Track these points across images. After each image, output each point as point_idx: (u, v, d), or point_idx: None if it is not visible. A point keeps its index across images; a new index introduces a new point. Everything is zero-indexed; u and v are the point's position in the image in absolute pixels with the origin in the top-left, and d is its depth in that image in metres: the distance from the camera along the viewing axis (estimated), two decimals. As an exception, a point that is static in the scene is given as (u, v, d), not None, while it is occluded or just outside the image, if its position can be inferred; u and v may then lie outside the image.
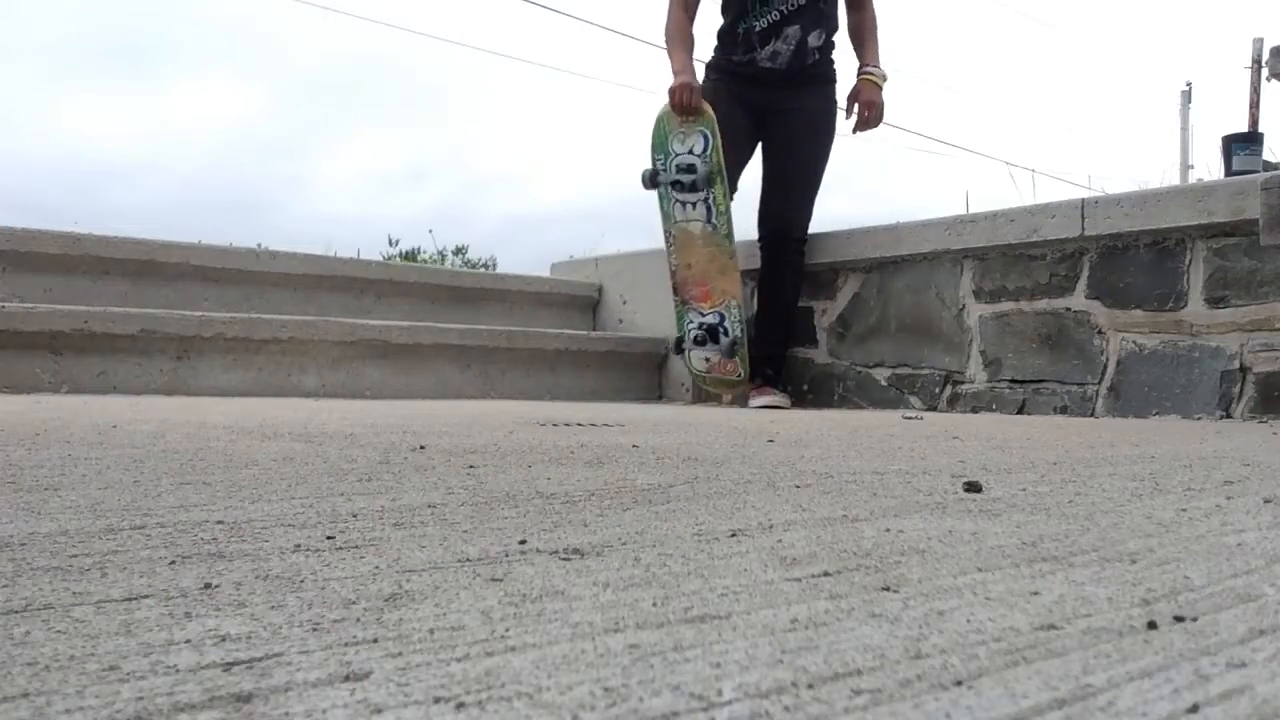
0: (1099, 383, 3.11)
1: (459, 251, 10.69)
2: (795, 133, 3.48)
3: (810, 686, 0.36)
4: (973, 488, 0.97)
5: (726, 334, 3.49)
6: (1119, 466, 1.25)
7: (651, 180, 3.47)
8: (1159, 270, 2.99)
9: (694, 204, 3.48)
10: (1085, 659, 0.40)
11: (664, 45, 3.63)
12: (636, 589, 0.52)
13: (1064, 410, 3.17)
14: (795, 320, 3.65)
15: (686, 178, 3.42)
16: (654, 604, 0.48)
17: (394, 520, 0.73)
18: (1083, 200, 3.18)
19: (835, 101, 3.53)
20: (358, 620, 0.45)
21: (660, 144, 3.48)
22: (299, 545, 0.63)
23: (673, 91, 3.43)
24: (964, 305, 3.43)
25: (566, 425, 1.91)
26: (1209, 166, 10.39)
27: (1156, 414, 2.96)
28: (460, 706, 0.33)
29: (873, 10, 3.56)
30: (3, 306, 2.94)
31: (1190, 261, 2.93)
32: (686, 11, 3.63)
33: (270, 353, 3.32)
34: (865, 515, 0.80)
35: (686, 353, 3.57)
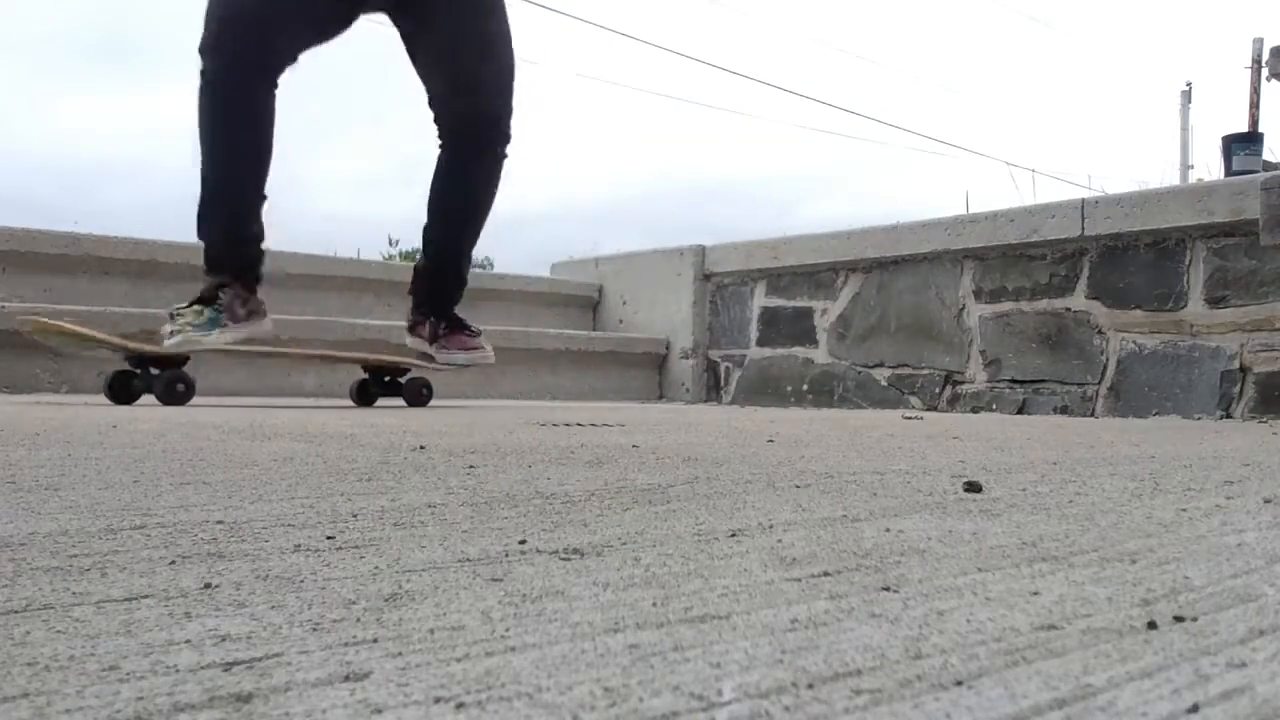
0: (1099, 383, 3.11)
1: (459, 251, 10.66)
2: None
3: (810, 686, 0.36)
4: (973, 488, 0.97)
5: None
6: (1119, 466, 1.25)
7: None
8: (1159, 270, 2.99)
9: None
10: (1085, 659, 0.40)
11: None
12: (636, 589, 0.52)
13: (1064, 410, 3.17)
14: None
15: None
16: (654, 604, 0.48)
17: (394, 520, 0.73)
18: (1083, 200, 3.19)
19: None
20: (358, 620, 0.45)
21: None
22: (299, 545, 0.63)
23: None
24: (964, 305, 3.43)
25: (566, 425, 1.91)
26: (1209, 166, 10.39)
27: (1156, 414, 2.96)
28: (460, 706, 0.33)
29: None
30: (3, 306, 2.94)
31: (1190, 261, 2.93)
32: None
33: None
34: (865, 515, 0.80)
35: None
